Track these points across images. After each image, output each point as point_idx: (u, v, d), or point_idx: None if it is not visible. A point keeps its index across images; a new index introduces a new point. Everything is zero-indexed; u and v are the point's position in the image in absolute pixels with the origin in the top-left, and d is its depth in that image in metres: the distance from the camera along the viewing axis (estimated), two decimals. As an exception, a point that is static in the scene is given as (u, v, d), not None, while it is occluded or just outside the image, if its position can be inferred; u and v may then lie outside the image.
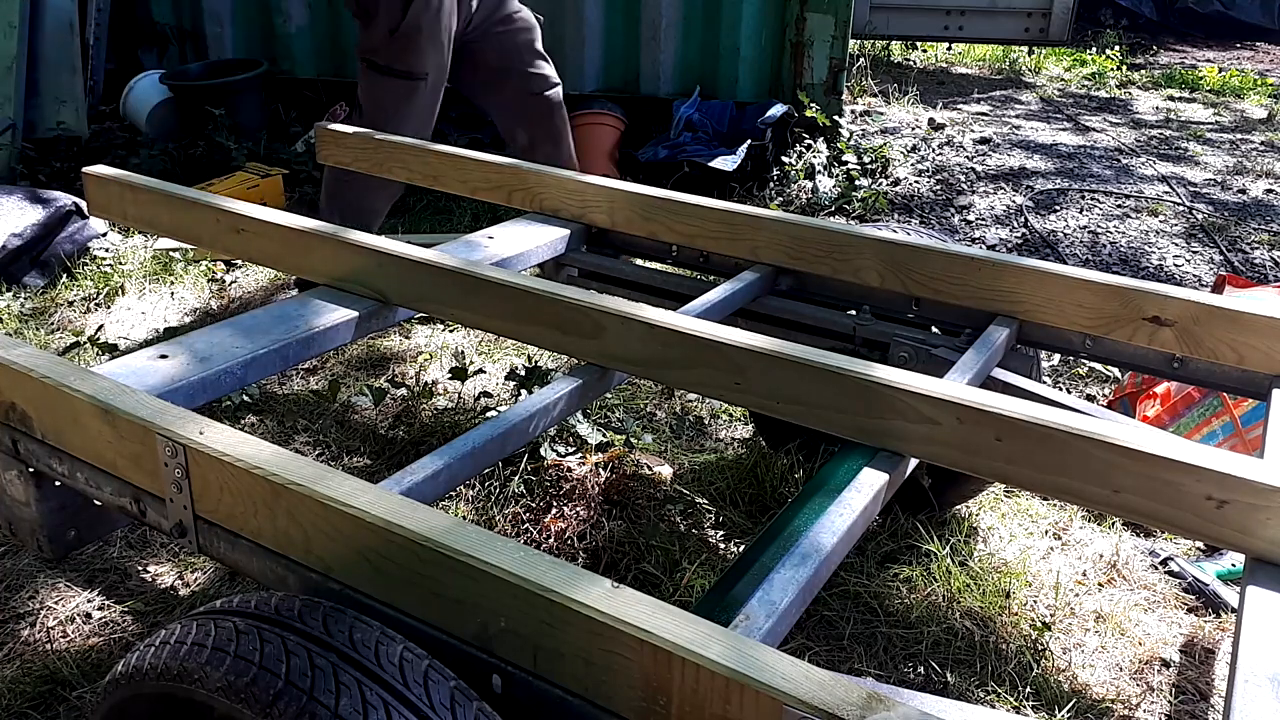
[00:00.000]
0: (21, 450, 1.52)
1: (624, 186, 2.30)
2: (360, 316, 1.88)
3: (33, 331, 3.32)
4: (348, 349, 3.25)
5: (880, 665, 2.03)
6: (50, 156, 4.77)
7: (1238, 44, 9.79)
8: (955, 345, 1.90)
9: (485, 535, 1.11)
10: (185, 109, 5.13)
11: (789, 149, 4.97)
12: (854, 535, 1.38)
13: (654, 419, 2.92)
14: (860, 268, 2.05)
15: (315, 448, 2.70)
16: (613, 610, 1.00)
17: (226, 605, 1.15)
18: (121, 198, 2.28)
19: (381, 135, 2.65)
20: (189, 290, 3.66)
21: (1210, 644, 2.11)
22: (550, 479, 2.43)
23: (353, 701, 0.99)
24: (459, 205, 4.60)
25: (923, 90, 6.71)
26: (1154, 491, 1.33)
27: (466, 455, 1.48)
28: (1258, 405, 2.41)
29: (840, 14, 4.90)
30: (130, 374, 1.58)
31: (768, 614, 1.18)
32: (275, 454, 1.24)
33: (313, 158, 4.06)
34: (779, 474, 2.54)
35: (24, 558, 2.21)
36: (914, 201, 4.81)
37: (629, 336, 1.66)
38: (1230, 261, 4.14)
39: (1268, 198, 4.89)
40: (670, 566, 2.22)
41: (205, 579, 2.20)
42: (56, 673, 1.90)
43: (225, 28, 5.62)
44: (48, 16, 4.74)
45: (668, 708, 0.98)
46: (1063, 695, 1.94)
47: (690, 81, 5.18)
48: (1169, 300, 1.79)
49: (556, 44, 5.26)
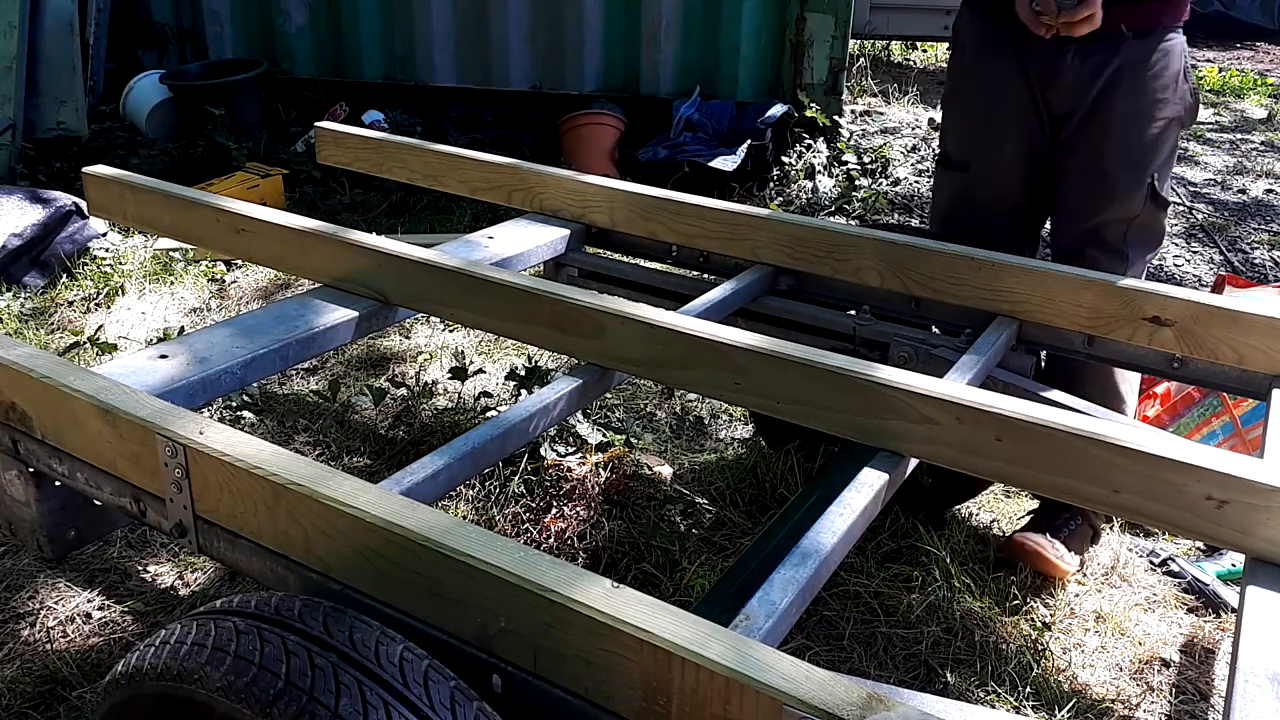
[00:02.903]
0: (21, 450, 1.52)
1: (624, 186, 2.30)
2: (360, 316, 1.87)
3: (33, 331, 3.32)
4: (348, 349, 3.25)
5: (880, 665, 2.03)
6: (50, 156, 4.77)
7: (1238, 44, 9.79)
8: (955, 345, 1.90)
9: (485, 535, 1.11)
10: (185, 109, 5.13)
11: (789, 149, 4.97)
12: (854, 535, 1.38)
13: (654, 419, 2.92)
14: (860, 268, 2.05)
15: (315, 448, 2.70)
16: (613, 610, 0.99)
17: (226, 605, 1.15)
18: (121, 198, 2.28)
19: (380, 135, 2.65)
20: (189, 290, 3.66)
21: (1210, 644, 2.11)
22: (550, 479, 2.43)
23: (353, 701, 0.99)
24: (459, 205, 4.60)
25: (923, 90, 6.70)
26: (1154, 491, 1.33)
27: (466, 455, 1.48)
28: (1258, 405, 2.41)
29: (840, 14, 4.90)
30: (130, 374, 1.58)
31: (768, 614, 1.18)
32: (275, 454, 1.24)
33: (313, 158, 4.05)
34: (779, 474, 2.54)
35: (24, 558, 2.21)
36: (914, 201, 4.81)
37: (629, 336, 1.66)
38: (1230, 261, 4.14)
39: (1268, 198, 4.90)
40: (670, 566, 2.22)
41: (205, 579, 2.20)
42: (56, 673, 1.91)
43: (225, 28, 5.63)
44: (48, 16, 4.74)
45: (668, 708, 0.98)
46: (1063, 695, 1.94)
47: (690, 81, 5.18)
48: (1169, 300, 1.79)
49: (556, 44, 5.28)
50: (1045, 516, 2.29)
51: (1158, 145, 2.12)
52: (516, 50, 5.33)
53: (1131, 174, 2.12)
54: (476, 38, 5.34)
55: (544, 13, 5.24)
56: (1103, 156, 2.12)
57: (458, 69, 5.43)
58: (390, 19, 5.39)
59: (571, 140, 5.01)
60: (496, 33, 5.30)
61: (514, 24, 5.28)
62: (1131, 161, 2.12)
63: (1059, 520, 2.27)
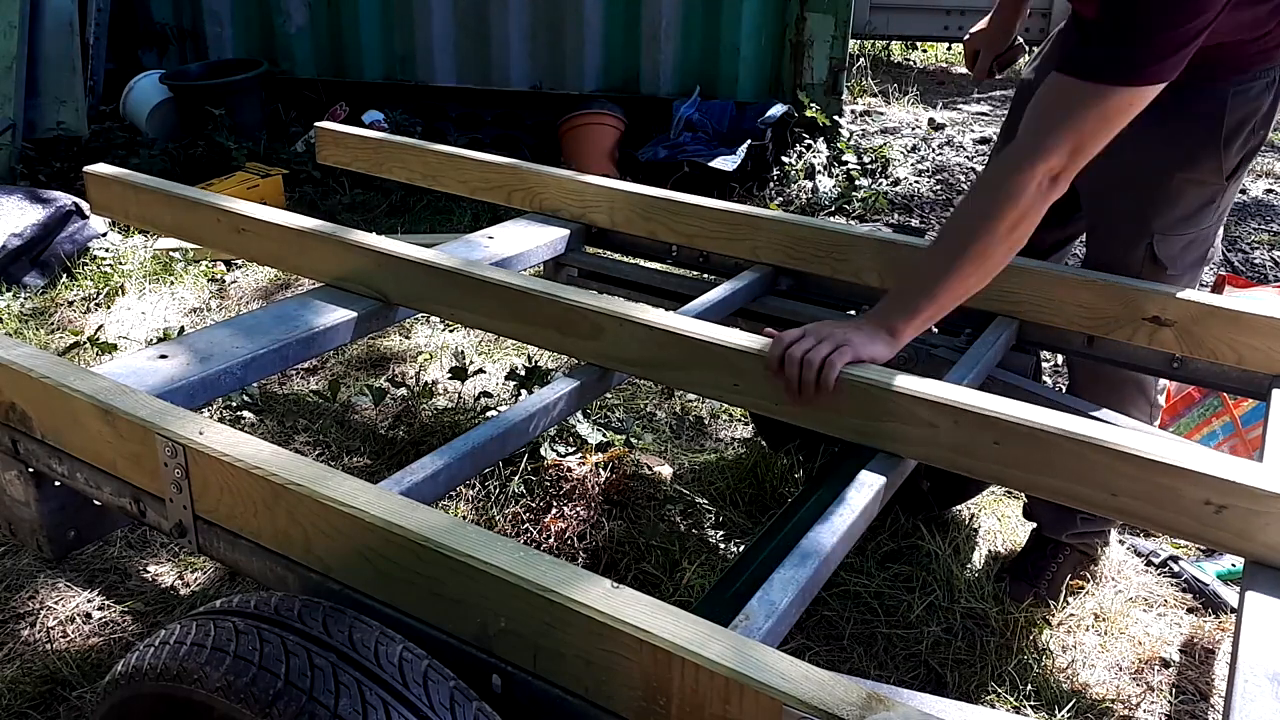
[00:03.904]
0: (21, 450, 1.52)
1: (624, 186, 2.30)
2: (360, 316, 1.87)
3: (33, 331, 3.32)
4: (348, 349, 3.25)
5: (880, 665, 2.03)
6: (50, 156, 4.77)
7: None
8: (955, 345, 1.90)
9: (485, 535, 1.11)
10: (185, 109, 5.13)
11: (789, 149, 4.97)
12: (854, 535, 1.38)
13: (654, 419, 2.92)
14: (860, 268, 2.05)
15: (315, 448, 2.70)
16: (613, 610, 0.99)
17: (226, 605, 1.15)
18: (123, 197, 2.29)
19: (380, 135, 2.65)
20: (189, 290, 3.66)
21: (1210, 644, 2.11)
22: (550, 479, 2.43)
23: (352, 702, 0.99)
24: (459, 205, 4.60)
25: (923, 90, 6.71)
26: (1152, 495, 1.33)
27: (466, 455, 1.48)
28: (1258, 405, 2.41)
29: (840, 14, 4.90)
30: (130, 374, 1.58)
31: (768, 614, 1.18)
32: (275, 454, 1.24)
33: (313, 158, 4.06)
34: (779, 474, 2.54)
35: (24, 558, 2.21)
36: (914, 201, 4.81)
37: (627, 337, 1.66)
38: (1230, 261, 4.14)
39: (1268, 198, 4.89)
40: (670, 566, 2.22)
41: (205, 579, 2.20)
42: (56, 673, 1.91)
43: (225, 28, 5.63)
44: (48, 16, 4.74)
45: (667, 708, 0.98)
46: (1063, 695, 1.94)
47: (690, 81, 5.18)
48: (1169, 300, 1.79)
49: (556, 44, 5.28)
50: (1032, 557, 2.24)
51: (1167, 203, 1.85)
52: (516, 50, 5.33)
53: (1131, 226, 1.90)
54: (476, 38, 5.34)
55: (544, 13, 5.24)
56: (1105, 194, 1.92)
57: (458, 69, 5.43)
58: (390, 19, 5.39)
59: (571, 140, 5.01)
60: (496, 33, 5.30)
61: (514, 24, 5.28)
62: (1128, 211, 1.89)
63: (1044, 561, 2.21)
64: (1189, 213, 1.85)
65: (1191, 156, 1.81)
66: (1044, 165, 1.49)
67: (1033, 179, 1.50)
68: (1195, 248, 1.90)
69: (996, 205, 1.52)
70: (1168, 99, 1.68)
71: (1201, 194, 1.84)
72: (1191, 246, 1.90)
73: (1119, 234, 1.93)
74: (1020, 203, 1.50)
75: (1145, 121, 1.71)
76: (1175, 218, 1.86)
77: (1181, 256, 1.90)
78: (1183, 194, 1.84)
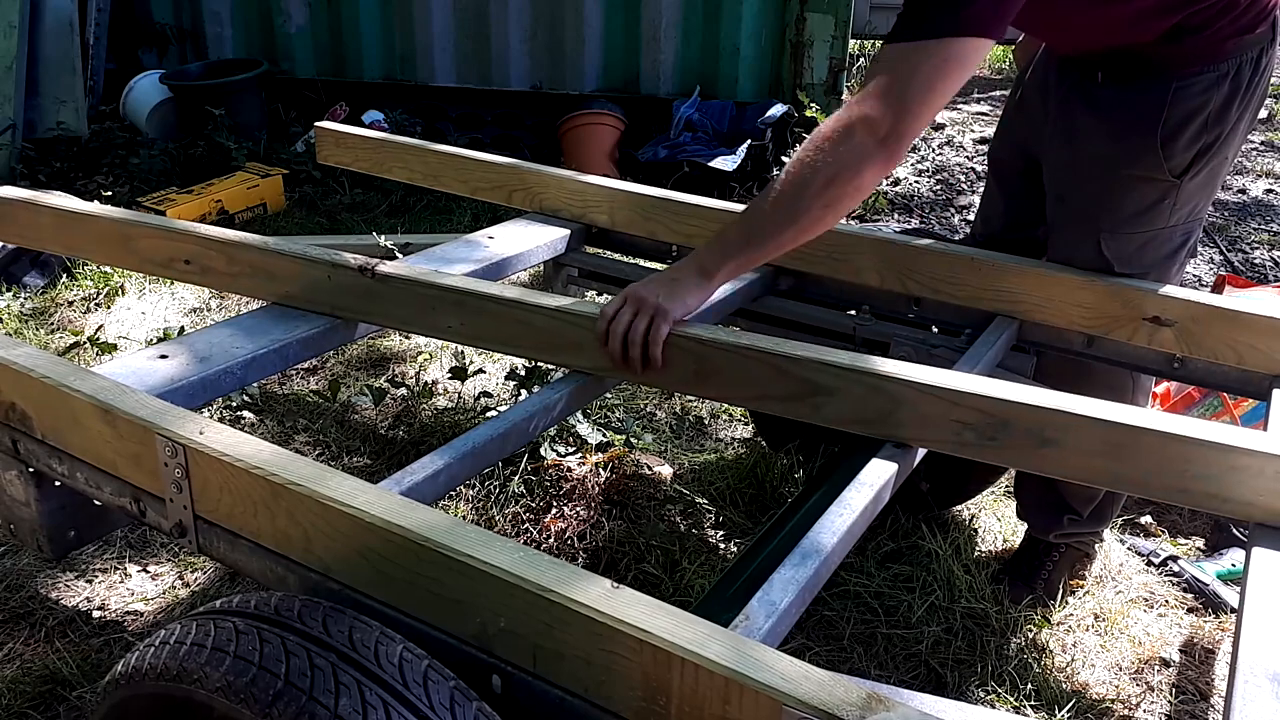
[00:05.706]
0: (21, 450, 1.52)
1: (624, 186, 2.30)
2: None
3: (33, 331, 3.32)
4: (348, 349, 3.25)
5: (880, 665, 2.03)
6: (50, 156, 4.77)
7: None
8: (955, 345, 1.90)
9: (485, 535, 1.11)
10: (185, 109, 5.13)
11: (789, 149, 4.97)
12: (854, 535, 1.38)
13: (654, 419, 2.92)
14: (860, 268, 2.05)
15: (315, 448, 2.70)
16: (612, 610, 0.99)
17: (226, 605, 1.15)
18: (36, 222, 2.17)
19: (380, 135, 2.65)
20: (189, 290, 3.66)
21: (1210, 644, 2.11)
22: (550, 479, 2.42)
23: (352, 702, 0.99)
24: (459, 205, 4.60)
25: (923, 90, 6.69)
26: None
27: (466, 455, 1.48)
28: (1258, 405, 2.41)
29: (840, 14, 4.90)
30: (130, 374, 1.58)
31: (768, 614, 1.18)
32: (275, 454, 1.24)
33: (313, 158, 4.05)
34: (779, 474, 2.54)
35: (24, 558, 2.21)
36: (914, 201, 4.81)
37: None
38: (1230, 261, 4.14)
39: (1268, 198, 4.89)
40: (670, 566, 2.22)
41: (205, 579, 2.20)
42: (56, 673, 1.90)
43: (225, 28, 5.63)
44: (48, 16, 4.74)
45: (667, 708, 0.98)
46: (1063, 695, 1.94)
47: (690, 81, 5.18)
48: (1169, 300, 1.79)
49: (556, 44, 5.28)
50: (1026, 558, 2.24)
51: (1112, 201, 1.82)
52: (516, 50, 5.33)
53: (1079, 224, 1.88)
54: (476, 38, 5.34)
55: (544, 13, 5.24)
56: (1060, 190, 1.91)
57: (458, 69, 5.43)
58: (390, 19, 5.40)
59: (571, 140, 5.01)
60: (496, 33, 5.30)
61: (514, 24, 5.28)
62: (1078, 208, 1.87)
63: (1037, 562, 2.21)
64: (1139, 210, 1.81)
65: (1133, 153, 1.78)
66: (861, 120, 1.50)
67: (850, 134, 1.51)
68: (1155, 248, 1.85)
69: (812, 159, 1.54)
70: (1114, 95, 1.71)
71: (1152, 191, 1.79)
72: (1150, 246, 1.85)
73: (1068, 231, 1.91)
74: (838, 156, 1.52)
75: (1094, 117, 1.75)
76: (1123, 215, 1.82)
77: (1138, 256, 1.85)
78: (1130, 191, 1.80)
